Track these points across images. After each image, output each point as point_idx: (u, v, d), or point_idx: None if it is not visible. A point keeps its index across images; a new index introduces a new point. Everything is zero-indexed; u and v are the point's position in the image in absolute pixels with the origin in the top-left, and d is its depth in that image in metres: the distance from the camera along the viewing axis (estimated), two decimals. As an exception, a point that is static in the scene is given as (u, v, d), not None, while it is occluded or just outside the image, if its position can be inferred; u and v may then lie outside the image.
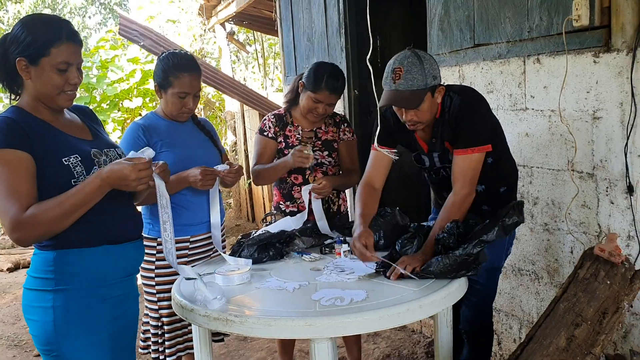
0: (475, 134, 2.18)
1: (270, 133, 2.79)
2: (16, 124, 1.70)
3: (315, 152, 2.77)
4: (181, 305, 1.98)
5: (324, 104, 2.68)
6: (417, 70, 2.10)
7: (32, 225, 1.63)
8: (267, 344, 3.71)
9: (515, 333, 2.92)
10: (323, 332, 1.74)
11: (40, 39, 1.72)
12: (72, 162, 1.74)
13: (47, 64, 1.73)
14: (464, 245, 1.98)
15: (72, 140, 1.81)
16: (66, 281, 1.75)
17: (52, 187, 1.69)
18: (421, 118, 2.19)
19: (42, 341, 1.77)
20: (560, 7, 2.39)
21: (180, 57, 2.47)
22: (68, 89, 1.79)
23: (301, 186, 2.73)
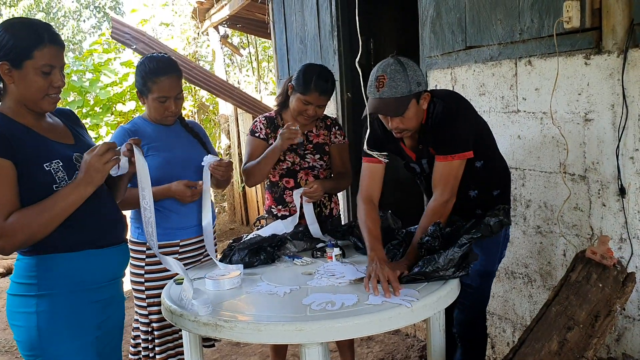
0: (456, 140, 2.16)
1: (261, 134, 2.76)
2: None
3: (307, 155, 2.75)
4: (170, 310, 1.96)
5: (313, 106, 2.65)
6: (400, 78, 2.08)
7: (13, 233, 1.61)
8: (260, 349, 3.69)
9: (509, 336, 2.91)
10: (314, 337, 1.72)
11: (23, 42, 1.71)
12: (54, 168, 1.73)
13: (30, 67, 1.71)
14: (451, 247, 1.97)
15: (54, 145, 1.80)
16: (49, 286, 1.73)
17: (34, 192, 1.68)
18: (407, 125, 2.17)
19: (27, 347, 1.75)
20: (551, 8, 2.38)
21: (157, 60, 2.43)
22: (52, 92, 1.77)
23: (293, 190, 2.71)
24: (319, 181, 2.69)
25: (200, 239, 2.55)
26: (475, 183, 2.27)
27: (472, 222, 2.05)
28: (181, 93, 2.47)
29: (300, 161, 2.73)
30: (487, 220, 2.03)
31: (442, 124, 2.16)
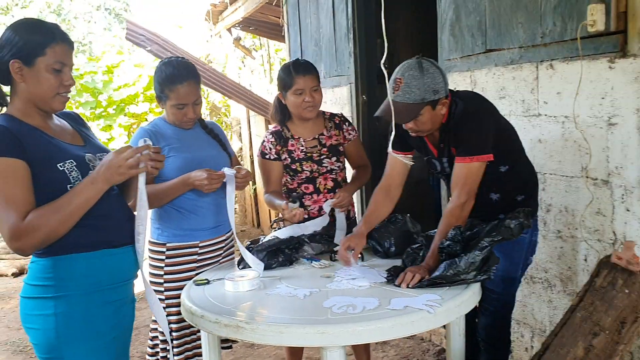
0: (475, 142, 2.13)
1: (272, 155, 2.71)
2: (8, 131, 1.67)
3: (324, 160, 2.72)
4: (191, 311, 1.95)
5: (307, 90, 2.59)
6: (415, 84, 2.06)
7: (32, 233, 1.61)
8: (274, 351, 3.68)
9: (527, 342, 2.88)
10: (335, 340, 1.72)
11: (35, 40, 1.71)
12: (68, 168, 1.73)
13: (42, 64, 1.72)
14: (472, 250, 1.95)
15: (65, 146, 1.80)
16: (66, 287, 1.73)
17: (48, 193, 1.68)
18: (421, 128, 2.17)
19: (44, 349, 1.75)
20: (574, 12, 2.36)
21: (174, 66, 2.40)
22: (63, 90, 1.78)
23: (312, 195, 2.70)
24: (345, 188, 2.69)
25: (218, 240, 2.54)
26: (497, 186, 2.25)
27: (493, 225, 2.03)
28: (199, 98, 2.46)
29: (318, 167, 2.71)
30: (508, 222, 2.00)
31: (461, 124, 2.15)
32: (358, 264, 2.29)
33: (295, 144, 2.71)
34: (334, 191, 2.72)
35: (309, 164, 2.69)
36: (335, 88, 4.66)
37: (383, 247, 2.41)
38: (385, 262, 2.28)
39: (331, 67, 4.68)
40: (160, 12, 21.23)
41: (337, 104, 4.64)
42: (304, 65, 2.66)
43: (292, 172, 2.70)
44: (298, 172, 2.69)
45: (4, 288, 5.72)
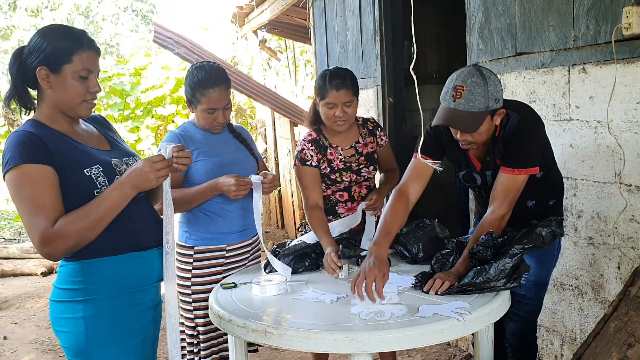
0: (527, 155, 2.09)
1: (313, 162, 2.62)
2: (36, 137, 1.69)
3: (362, 169, 2.67)
4: (219, 315, 1.96)
5: (339, 106, 2.51)
6: (480, 92, 1.99)
7: (61, 238, 1.63)
8: (299, 354, 3.68)
9: (557, 349, 2.83)
10: (364, 347, 1.70)
11: (62, 47, 1.72)
12: (94, 173, 1.74)
13: (69, 72, 1.73)
14: (503, 257, 1.93)
15: (92, 151, 1.81)
16: (95, 290, 1.75)
17: (75, 198, 1.69)
18: (477, 139, 2.10)
19: (75, 352, 1.77)
20: (608, 15, 2.32)
21: (206, 71, 2.41)
22: (89, 97, 1.79)
23: (347, 203, 2.67)
24: (376, 191, 2.66)
25: (245, 243, 2.56)
26: (534, 194, 2.22)
27: (524, 232, 2.00)
28: (230, 103, 2.47)
29: (357, 177, 2.66)
30: (539, 230, 1.98)
31: (516, 136, 2.09)
32: (343, 275, 2.22)
33: (334, 152, 2.64)
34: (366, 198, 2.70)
35: (349, 174, 2.64)
36: (361, 90, 4.62)
37: (411, 253, 2.38)
38: (413, 268, 2.26)
39: (357, 69, 4.67)
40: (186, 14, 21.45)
41: (363, 106, 4.63)
42: (340, 78, 2.53)
43: (331, 181, 2.65)
44: (337, 182, 2.64)
45: (33, 287, 5.81)
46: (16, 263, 6.44)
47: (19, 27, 18.02)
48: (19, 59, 1.76)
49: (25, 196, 1.64)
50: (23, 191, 1.64)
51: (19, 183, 1.64)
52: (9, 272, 6.34)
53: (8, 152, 1.67)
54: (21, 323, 4.73)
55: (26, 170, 1.64)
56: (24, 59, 1.75)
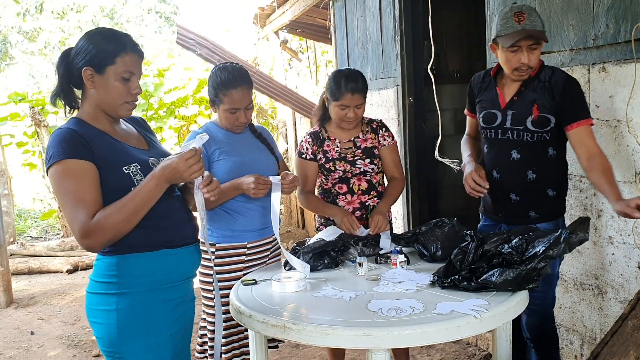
0: (586, 105, 2.31)
1: (308, 155, 2.77)
2: (78, 134, 1.76)
3: (357, 160, 2.74)
4: (239, 310, 2.00)
5: (351, 108, 2.63)
6: (536, 15, 2.28)
7: (100, 231, 1.69)
8: (319, 352, 3.71)
9: (577, 349, 2.83)
10: (381, 343, 1.73)
11: (107, 49, 1.79)
12: (133, 171, 1.80)
13: (112, 73, 1.80)
14: (527, 262, 1.94)
15: (131, 149, 1.87)
16: (128, 284, 1.80)
17: (114, 194, 1.75)
18: (534, 63, 2.31)
19: (106, 343, 1.82)
20: (628, 13, 2.31)
21: (229, 71, 2.47)
22: (130, 98, 1.85)
23: (346, 196, 2.73)
24: (377, 212, 2.68)
25: (265, 241, 2.60)
26: (538, 167, 2.36)
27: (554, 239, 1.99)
28: (251, 103, 2.52)
29: (351, 168, 2.73)
30: (568, 238, 1.97)
31: (571, 90, 2.29)
32: (362, 273, 2.26)
33: (331, 144, 2.76)
34: (368, 193, 2.75)
35: (342, 163, 2.73)
36: (381, 90, 4.67)
37: (429, 251, 2.40)
38: (432, 266, 2.27)
39: (377, 69, 4.69)
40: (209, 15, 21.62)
41: (383, 106, 4.65)
42: (355, 81, 2.63)
43: (326, 171, 2.75)
44: (331, 171, 2.74)
45: (59, 284, 5.94)
46: (42, 260, 6.58)
47: (45, 29, 18.34)
48: (66, 60, 1.84)
49: (67, 190, 1.71)
50: (65, 185, 1.71)
51: (61, 177, 1.71)
52: (36, 270, 6.48)
53: (51, 148, 1.74)
54: (47, 319, 4.84)
55: (68, 165, 1.71)
56: (71, 60, 1.83)
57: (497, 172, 2.44)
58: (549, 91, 2.31)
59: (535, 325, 2.43)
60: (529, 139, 2.36)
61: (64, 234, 7.89)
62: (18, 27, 18.19)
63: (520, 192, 2.40)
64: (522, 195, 2.41)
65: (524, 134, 2.37)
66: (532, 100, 2.33)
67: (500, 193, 2.47)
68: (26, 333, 4.51)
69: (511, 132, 2.40)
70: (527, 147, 2.36)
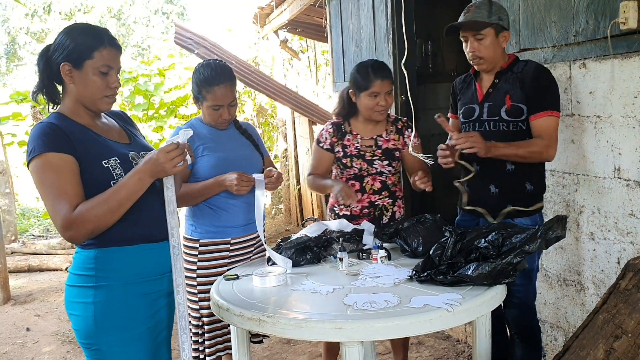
0: (555, 98, 2.37)
1: (325, 144, 2.78)
2: (59, 128, 1.78)
3: (375, 160, 2.74)
4: (218, 304, 2.03)
5: (382, 95, 2.65)
6: (484, 7, 2.40)
7: (82, 223, 1.71)
8: (309, 348, 3.73)
9: (560, 345, 2.84)
10: (353, 335, 1.75)
11: (84, 44, 1.82)
12: (112, 165, 1.82)
13: (90, 67, 1.82)
14: (503, 256, 1.95)
15: (111, 143, 1.90)
16: (106, 278, 1.82)
17: (93, 187, 1.77)
18: (483, 53, 2.41)
19: (83, 335, 1.84)
20: (607, 10, 2.32)
21: (212, 68, 2.50)
22: (109, 92, 1.87)
23: (358, 193, 2.73)
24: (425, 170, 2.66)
25: (249, 237, 2.62)
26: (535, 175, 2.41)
27: (530, 234, 2.01)
28: (235, 100, 2.54)
29: (368, 167, 2.74)
30: (545, 234, 1.99)
31: (538, 78, 2.36)
32: (343, 267, 2.27)
33: (351, 139, 2.77)
34: (380, 193, 2.75)
35: (359, 161, 2.73)
36: (374, 89, 4.67)
37: (411, 247, 2.41)
38: (412, 262, 2.28)
39: (371, 68, 4.70)
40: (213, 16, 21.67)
41: (376, 104, 4.65)
42: (382, 69, 2.69)
43: (342, 165, 2.77)
44: (347, 167, 2.75)
45: (57, 282, 5.98)
46: (42, 258, 6.64)
47: (53, 30, 18.46)
48: (45, 55, 1.87)
49: (48, 183, 1.73)
50: (46, 178, 1.74)
51: (42, 171, 1.74)
52: (36, 267, 6.54)
53: (32, 142, 1.77)
54: (44, 316, 4.88)
55: (49, 159, 1.74)
56: (50, 55, 1.86)
57: (477, 163, 2.46)
58: (520, 81, 2.39)
59: (518, 317, 2.49)
60: (505, 128, 2.42)
61: (57, 231, 7.94)
62: (26, 28, 18.33)
63: (500, 184, 2.45)
64: (500, 187, 2.45)
65: (499, 124, 2.43)
66: (505, 91, 2.41)
67: (480, 184, 2.50)
68: (22, 329, 4.56)
69: (488, 124, 2.46)
70: (505, 138, 2.40)
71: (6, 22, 18.57)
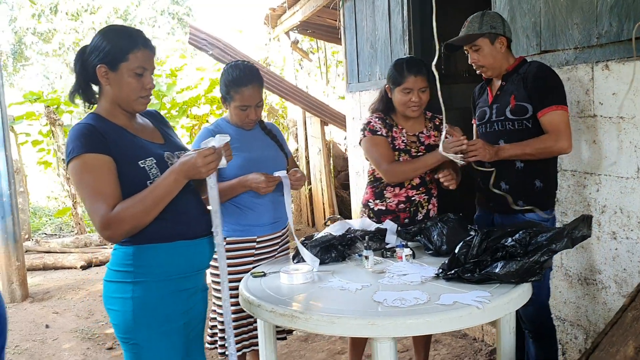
0: (559, 93, 2.44)
1: (383, 132, 2.74)
2: (96, 129, 1.82)
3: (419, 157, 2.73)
4: (249, 301, 2.06)
5: (415, 91, 2.65)
6: (476, 21, 2.55)
7: (119, 222, 1.75)
8: (327, 346, 3.77)
9: (581, 343, 2.86)
10: (385, 332, 1.78)
11: (120, 46, 1.85)
12: (148, 165, 1.86)
13: (125, 69, 1.86)
14: (530, 255, 1.98)
15: (147, 144, 1.93)
16: (144, 274, 1.86)
17: (130, 188, 1.81)
18: (483, 62, 2.56)
19: (122, 330, 1.88)
20: (631, 12, 2.35)
21: (240, 69, 2.54)
22: (144, 93, 1.91)
23: (395, 188, 2.75)
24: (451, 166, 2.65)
25: (274, 235, 2.66)
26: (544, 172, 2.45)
27: (556, 233, 2.04)
28: (262, 101, 2.59)
29: None
30: (571, 233, 2.01)
31: (540, 76, 2.45)
32: (368, 266, 2.29)
33: (398, 132, 2.77)
34: (418, 188, 2.77)
35: (406, 156, 2.73)
36: (390, 90, 4.71)
37: (434, 245, 2.44)
38: (436, 260, 2.31)
39: (386, 68, 4.72)
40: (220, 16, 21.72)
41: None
42: (417, 65, 2.70)
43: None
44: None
45: (73, 279, 6.04)
46: (57, 257, 6.70)
47: (59, 31, 18.54)
48: (81, 57, 1.91)
49: (87, 183, 1.77)
50: (84, 179, 1.78)
51: (80, 171, 1.78)
52: (50, 265, 6.59)
53: (71, 143, 1.81)
54: (62, 313, 4.94)
55: (87, 160, 1.78)
56: (86, 58, 1.90)
57: (490, 162, 2.52)
58: (523, 81, 2.49)
59: (532, 315, 2.53)
60: (510, 127, 2.52)
61: (77, 231, 8.01)
62: (33, 28, 18.41)
63: (510, 181, 2.53)
64: (510, 184, 2.53)
65: (506, 123, 2.53)
66: (511, 92, 2.52)
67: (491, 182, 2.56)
68: (41, 326, 4.60)
69: (496, 124, 2.57)
70: (512, 136, 2.50)
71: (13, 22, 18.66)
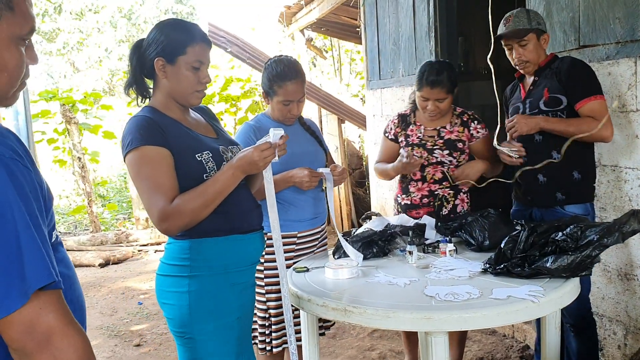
0: (596, 84, 2.47)
1: (390, 135, 2.88)
2: (153, 122, 1.82)
3: (435, 150, 2.77)
4: (297, 295, 2.06)
5: (431, 100, 2.69)
6: (523, 16, 2.57)
7: (178, 215, 1.75)
8: (356, 343, 3.76)
9: (620, 339, 2.85)
10: (441, 325, 1.77)
11: (177, 40, 1.85)
12: (205, 158, 1.85)
13: (183, 63, 1.85)
14: (581, 249, 1.97)
15: (202, 138, 1.93)
16: (200, 267, 1.86)
17: (187, 181, 1.80)
18: (528, 57, 2.57)
19: (177, 324, 1.88)
20: (677, 6, 2.34)
21: (285, 64, 2.54)
22: (200, 87, 1.91)
23: (418, 183, 2.80)
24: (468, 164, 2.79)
25: (314, 231, 2.66)
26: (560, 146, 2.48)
27: (607, 227, 2.03)
28: (304, 96, 2.58)
29: (428, 156, 2.77)
30: (621, 228, 2.00)
31: (575, 69, 2.48)
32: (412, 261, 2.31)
33: (415, 129, 2.83)
34: (440, 183, 2.79)
35: (420, 150, 2.77)
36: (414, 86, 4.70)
37: (477, 241, 2.43)
38: (480, 255, 2.32)
39: (410, 65, 4.73)
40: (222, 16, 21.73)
41: (416, 102, 4.68)
42: (436, 75, 2.67)
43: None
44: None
45: (93, 277, 6.04)
46: (75, 255, 6.70)
47: (64, 30, 18.58)
48: (138, 51, 1.92)
49: (145, 176, 1.77)
50: (143, 171, 1.77)
51: (139, 163, 1.78)
52: (69, 263, 6.60)
53: (128, 135, 1.81)
54: (86, 310, 4.93)
55: (146, 152, 1.77)
56: (143, 51, 1.90)
57: (525, 156, 2.55)
58: (556, 75, 2.52)
59: (573, 308, 2.47)
60: None
61: (93, 229, 8.02)
62: (37, 27, 18.47)
63: (547, 173, 2.54)
64: (548, 176, 2.54)
65: (540, 115, 2.54)
66: (544, 86, 2.55)
67: (529, 175, 2.58)
68: (66, 323, 4.60)
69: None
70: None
71: (17, 21, 18.71)
